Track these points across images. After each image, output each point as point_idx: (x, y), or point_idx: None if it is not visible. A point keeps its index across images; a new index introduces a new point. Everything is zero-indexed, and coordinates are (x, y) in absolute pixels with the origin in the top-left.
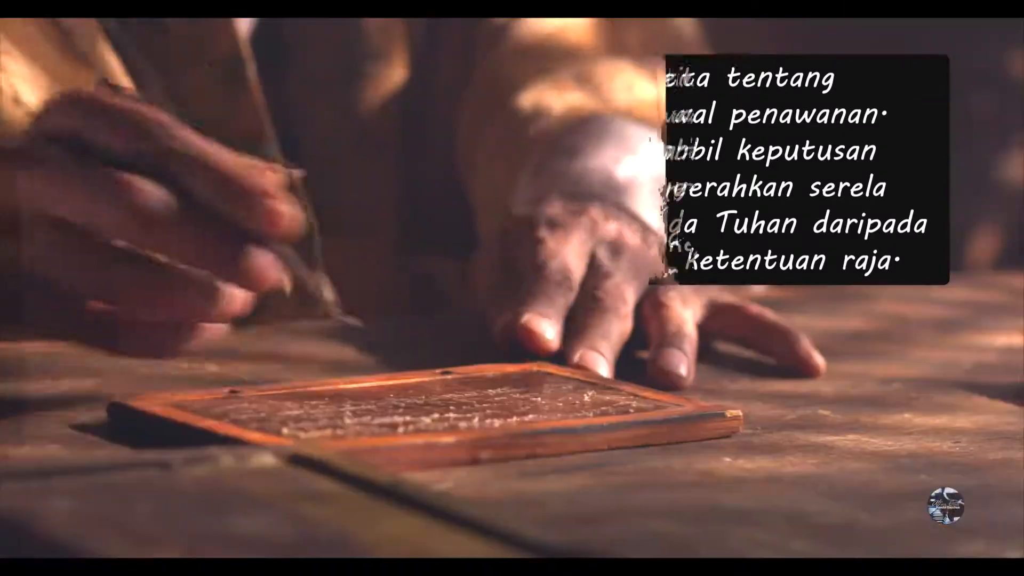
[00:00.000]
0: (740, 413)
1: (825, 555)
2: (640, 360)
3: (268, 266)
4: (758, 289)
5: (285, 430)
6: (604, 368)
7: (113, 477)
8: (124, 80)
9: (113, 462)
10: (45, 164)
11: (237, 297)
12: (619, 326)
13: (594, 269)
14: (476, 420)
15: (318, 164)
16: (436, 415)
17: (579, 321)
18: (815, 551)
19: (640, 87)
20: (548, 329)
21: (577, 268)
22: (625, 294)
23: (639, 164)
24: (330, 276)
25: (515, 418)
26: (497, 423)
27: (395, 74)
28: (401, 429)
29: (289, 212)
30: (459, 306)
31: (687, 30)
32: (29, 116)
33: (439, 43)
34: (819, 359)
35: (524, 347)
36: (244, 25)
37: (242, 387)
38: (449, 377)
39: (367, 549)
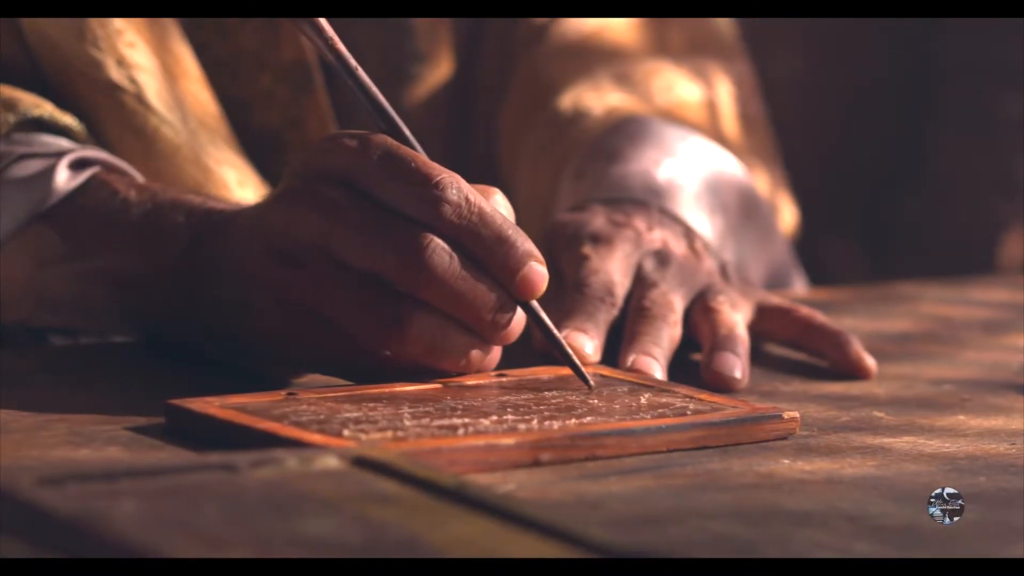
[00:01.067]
0: (797, 415)
1: (889, 556)
2: (693, 363)
3: (519, 326)
4: (799, 291)
5: (346, 432)
6: (658, 371)
7: (179, 479)
8: (205, 81)
9: (179, 464)
10: (330, 207)
11: (495, 355)
12: (669, 332)
13: (640, 281)
14: (535, 422)
15: None
16: (495, 417)
17: (629, 330)
18: (879, 553)
19: (681, 87)
20: (587, 344)
21: (621, 283)
22: (673, 302)
23: (679, 166)
24: None
25: (573, 420)
26: (556, 425)
27: (440, 75)
28: (461, 431)
29: (547, 276)
30: None
31: (725, 30)
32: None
33: (481, 43)
34: (870, 361)
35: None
36: None
37: (299, 389)
38: (504, 380)
39: (436, 551)
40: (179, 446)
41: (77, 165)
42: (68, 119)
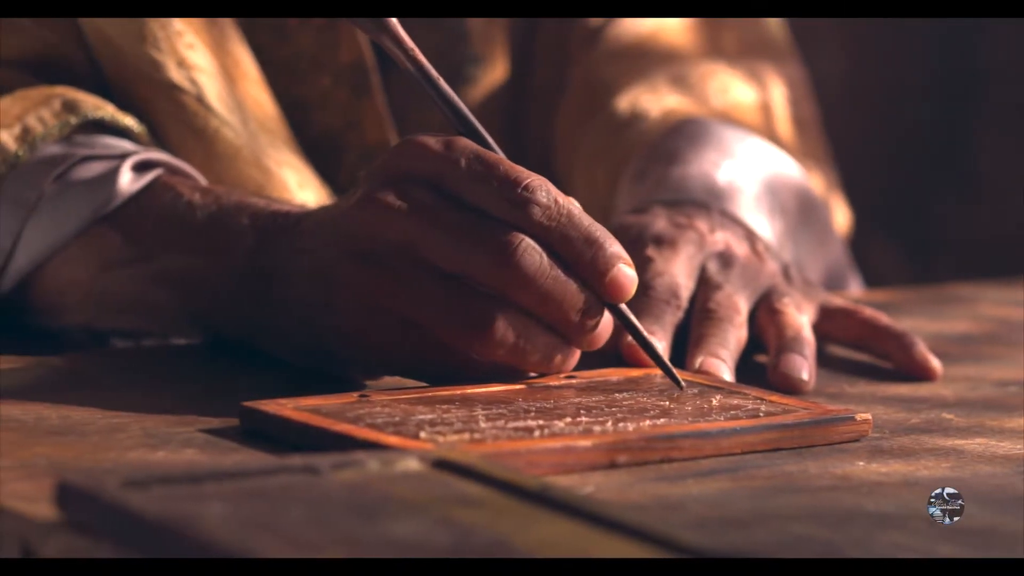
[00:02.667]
0: (869, 417)
1: (975, 557)
2: (757, 365)
3: (607, 330)
4: (855, 292)
5: (422, 434)
6: (726, 373)
7: (263, 482)
8: (264, 83)
9: (261, 467)
10: (416, 208)
11: (575, 358)
12: (735, 334)
13: (705, 283)
14: (609, 424)
15: None
16: (568, 419)
17: (695, 332)
18: (963, 555)
19: (736, 89)
20: (655, 346)
21: (686, 285)
22: (738, 304)
23: (738, 167)
24: None
25: (647, 422)
26: (631, 427)
27: (495, 77)
28: (537, 433)
29: (636, 279)
30: None
31: (776, 31)
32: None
33: (535, 45)
34: (936, 363)
35: (632, 363)
36: None
37: (370, 391)
38: (575, 381)
39: (525, 553)
40: (255, 448)
41: (140, 167)
42: (129, 120)
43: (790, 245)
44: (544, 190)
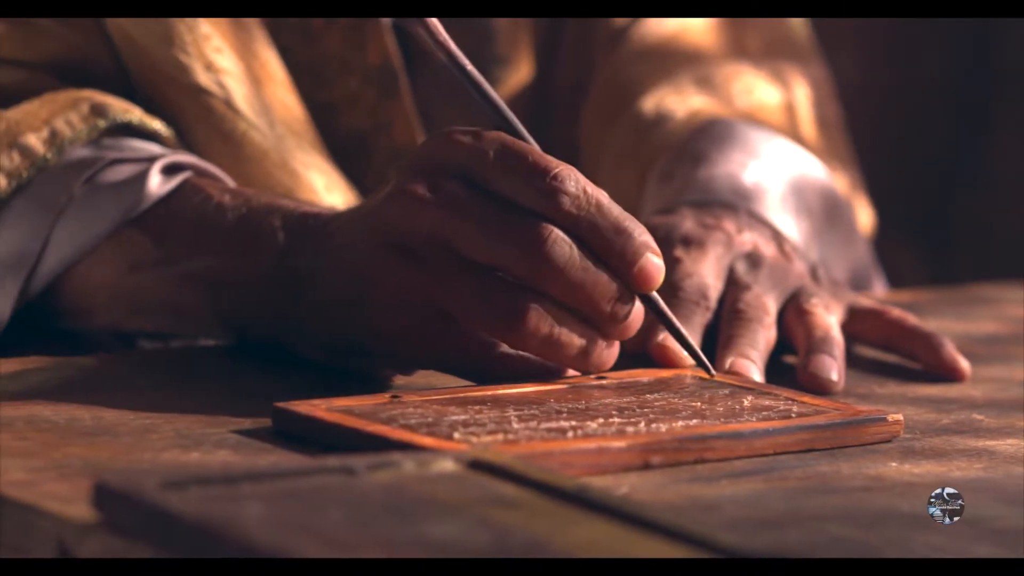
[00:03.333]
0: (901, 418)
1: (1010, 558)
2: (786, 366)
3: (638, 320)
4: (879, 293)
5: (456, 435)
6: (756, 374)
7: (300, 483)
8: (291, 85)
9: (298, 468)
10: (449, 201)
11: (613, 351)
12: (764, 335)
13: (733, 283)
14: (642, 425)
15: None
16: (601, 420)
17: (724, 333)
18: (999, 555)
19: (760, 90)
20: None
21: (715, 286)
22: (767, 304)
23: (764, 168)
24: None
25: (680, 423)
26: (664, 428)
27: (520, 78)
28: (570, 434)
29: (663, 268)
30: None
31: (800, 32)
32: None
33: (560, 46)
34: (964, 363)
35: (661, 364)
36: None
37: (402, 392)
38: (605, 382)
39: (564, 554)
40: (288, 449)
41: (169, 170)
42: (157, 124)
43: (816, 245)
44: (573, 179)
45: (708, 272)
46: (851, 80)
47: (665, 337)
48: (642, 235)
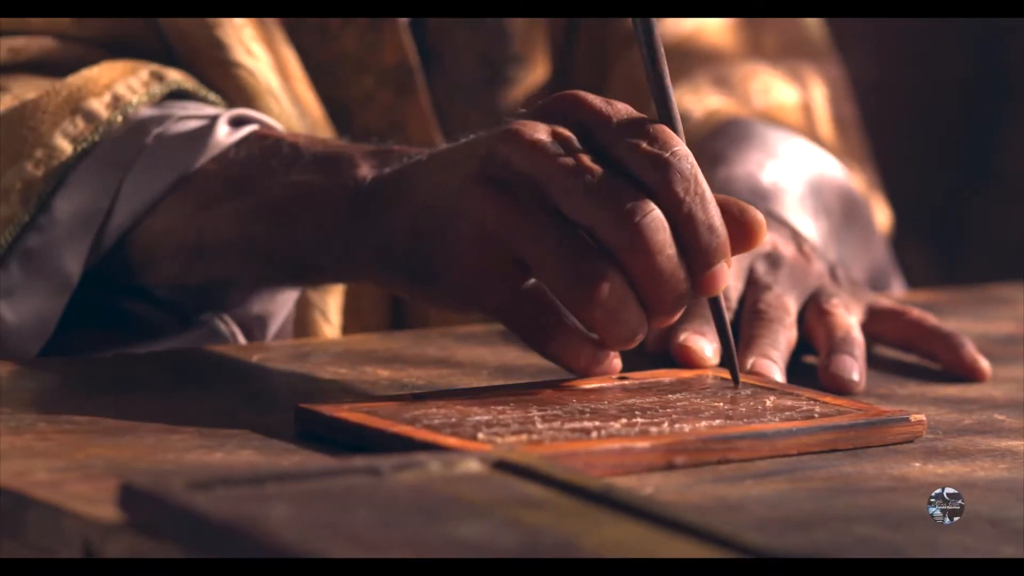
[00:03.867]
0: (924, 418)
1: None
2: (806, 366)
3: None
4: (897, 293)
5: (480, 435)
6: (778, 374)
7: (326, 483)
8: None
9: (324, 468)
10: (558, 150)
11: (645, 340)
12: (785, 335)
13: (753, 283)
14: (665, 425)
15: None
16: (624, 420)
17: (746, 333)
18: None
19: (777, 90)
20: (707, 347)
21: (735, 286)
22: (787, 305)
23: (782, 168)
24: None
25: (703, 423)
26: (687, 428)
27: (536, 77)
28: (594, 434)
29: (726, 279)
30: None
31: (816, 31)
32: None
33: (576, 46)
34: (985, 363)
35: (682, 365)
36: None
37: (424, 392)
38: (626, 382)
39: (594, 555)
40: (312, 449)
41: (235, 123)
42: (213, 96)
43: (834, 246)
44: (690, 162)
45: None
46: (863, 79)
47: (687, 337)
48: (728, 241)
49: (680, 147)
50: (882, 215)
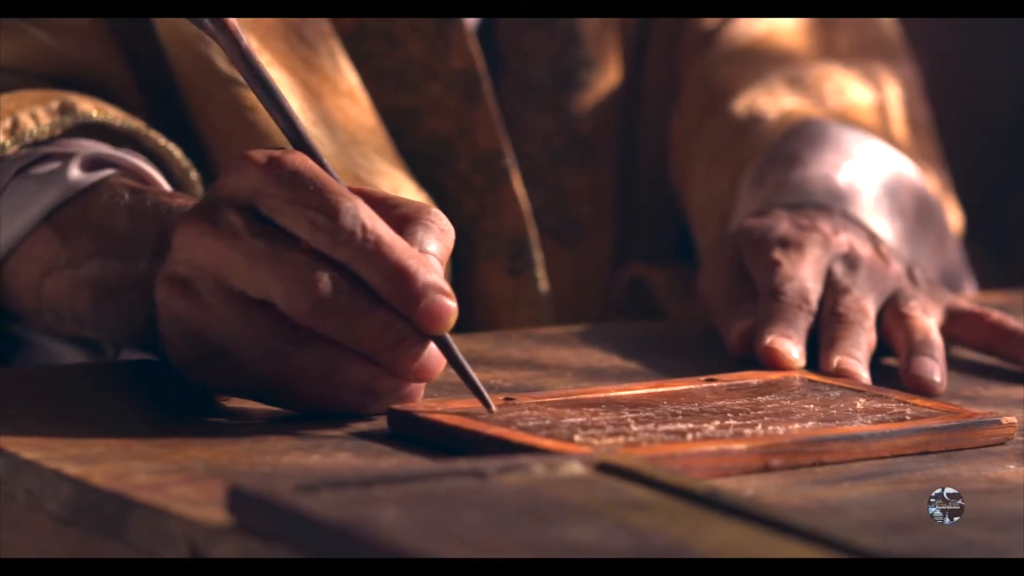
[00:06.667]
0: (1015, 420)
1: None
2: (886, 368)
3: (435, 361)
4: (970, 294)
5: (576, 437)
6: (863, 374)
7: (432, 486)
8: (360, 94)
9: (429, 471)
10: (226, 233)
11: (413, 389)
12: (866, 337)
13: (832, 286)
14: (759, 427)
15: (535, 173)
16: (717, 422)
17: (827, 335)
18: None
19: (852, 90)
20: (793, 349)
21: (815, 289)
22: (867, 307)
23: (858, 169)
24: (548, 283)
25: (796, 425)
26: (781, 430)
27: (609, 81)
28: (689, 436)
29: (453, 308)
30: (671, 312)
31: (889, 31)
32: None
33: (648, 49)
34: None
35: (769, 367)
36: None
37: (516, 394)
38: (715, 384)
39: (706, 556)
40: (407, 451)
41: (95, 165)
42: (137, 124)
43: (909, 247)
44: (351, 214)
45: (808, 275)
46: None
47: (773, 340)
48: (428, 275)
49: (338, 201)
50: (954, 216)
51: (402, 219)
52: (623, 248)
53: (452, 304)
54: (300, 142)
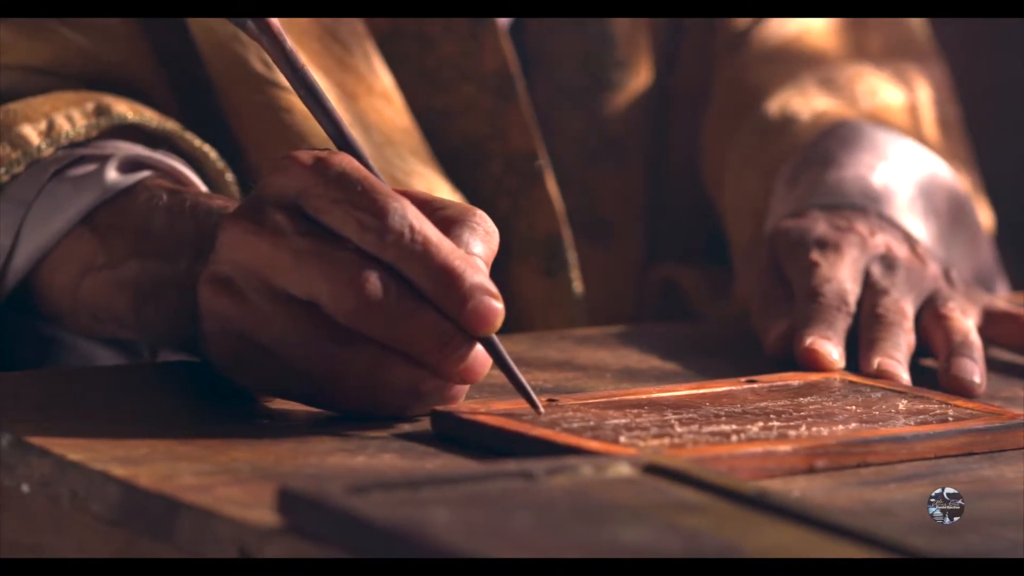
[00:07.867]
0: None
1: None
2: (924, 369)
3: (481, 363)
4: (1004, 294)
5: (622, 439)
6: (904, 375)
7: (481, 487)
8: (395, 95)
9: (477, 472)
10: (272, 232)
11: (457, 390)
12: (906, 339)
13: (871, 287)
14: (803, 428)
15: (566, 174)
16: (760, 424)
17: (866, 337)
18: None
19: (884, 91)
20: (833, 351)
21: (853, 290)
22: (905, 309)
23: (893, 170)
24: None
25: (840, 426)
26: (825, 431)
27: (640, 82)
28: (733, 438)
29: (500, 309)
30: (704, 313)
31: (920, 31)
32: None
33: (679, 50)
34: None
35: (809, 368)
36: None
37: (559, 396)
38: (756, 386)
39: (757, 557)
40: (452, 453)
41: (132, 167)
42: (171, 124)
43: (943, 247)
44: (399, 215)
45: (846, 276)
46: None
47: (813, 341)
48: (475, 276)
49: (386, 202)
50: (986, 216)
51: (448, 221)
52: (654, 249)
53: (499, 305)
54: (345, 143)
